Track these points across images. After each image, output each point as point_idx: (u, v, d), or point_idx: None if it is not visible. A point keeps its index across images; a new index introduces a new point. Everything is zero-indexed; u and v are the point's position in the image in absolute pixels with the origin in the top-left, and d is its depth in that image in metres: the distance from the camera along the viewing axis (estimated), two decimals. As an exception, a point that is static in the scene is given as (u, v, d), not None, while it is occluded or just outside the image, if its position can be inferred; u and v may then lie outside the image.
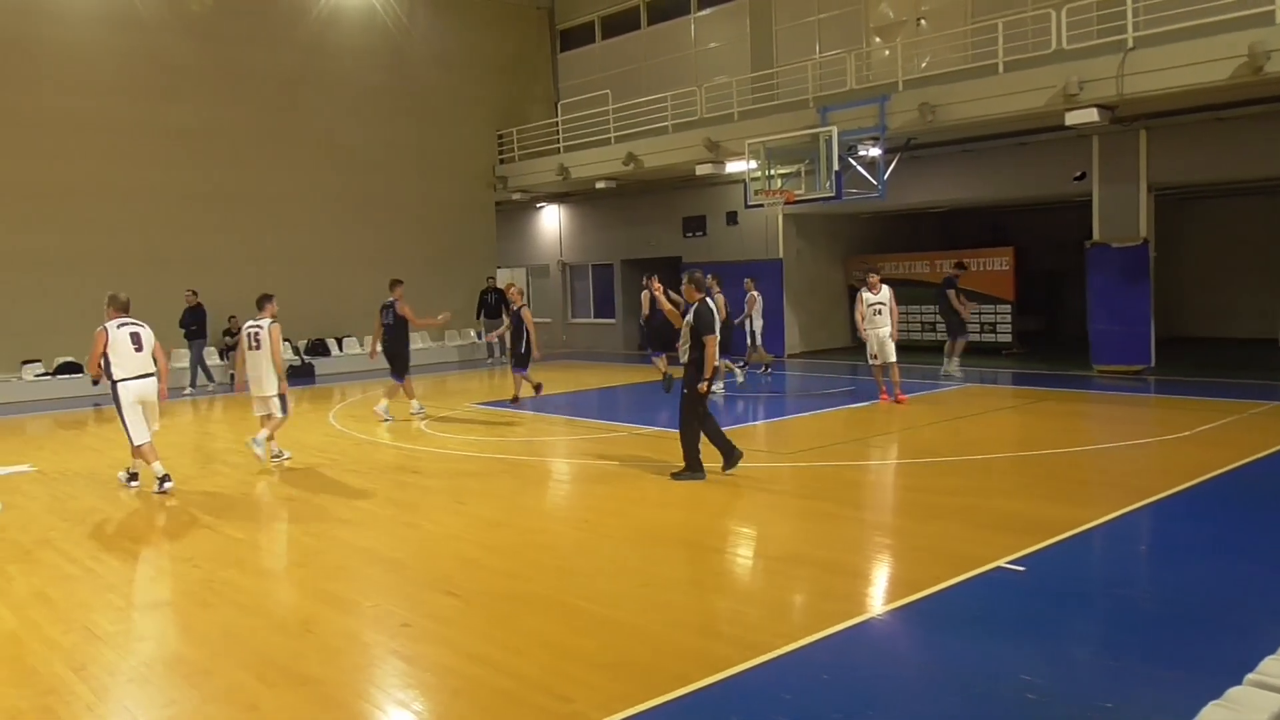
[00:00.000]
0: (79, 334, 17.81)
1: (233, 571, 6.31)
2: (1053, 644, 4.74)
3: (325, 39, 20.98)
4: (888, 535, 6.82)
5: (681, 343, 8.72)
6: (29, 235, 17.24)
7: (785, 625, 5.09)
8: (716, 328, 8.50)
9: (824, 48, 18.80)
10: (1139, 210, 15.48)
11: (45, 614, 5.58)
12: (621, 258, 23.49)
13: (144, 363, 8.84)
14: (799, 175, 16.09)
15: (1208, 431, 10.22)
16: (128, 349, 8.74)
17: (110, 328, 8.74)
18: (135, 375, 8.77)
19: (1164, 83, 12.83)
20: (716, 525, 7.37)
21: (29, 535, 7.47)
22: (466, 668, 4.62)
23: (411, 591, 5.86)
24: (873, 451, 9.82)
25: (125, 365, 8.72)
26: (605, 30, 23.76)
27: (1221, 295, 21.41)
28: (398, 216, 22.09)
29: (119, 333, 8.74)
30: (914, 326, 21.30)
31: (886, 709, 4.09)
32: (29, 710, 4.27)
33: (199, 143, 19.09)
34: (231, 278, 19.28)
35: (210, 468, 10.16)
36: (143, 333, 8.88)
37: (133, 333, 8.81)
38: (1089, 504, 7.38)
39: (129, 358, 8.74)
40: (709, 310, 8.52)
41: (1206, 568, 5.92)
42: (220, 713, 4.22)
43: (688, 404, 8.57)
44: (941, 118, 14.91)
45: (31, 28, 17.34)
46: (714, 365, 8.48)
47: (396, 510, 8.06)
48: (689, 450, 8.64)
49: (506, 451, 10.55)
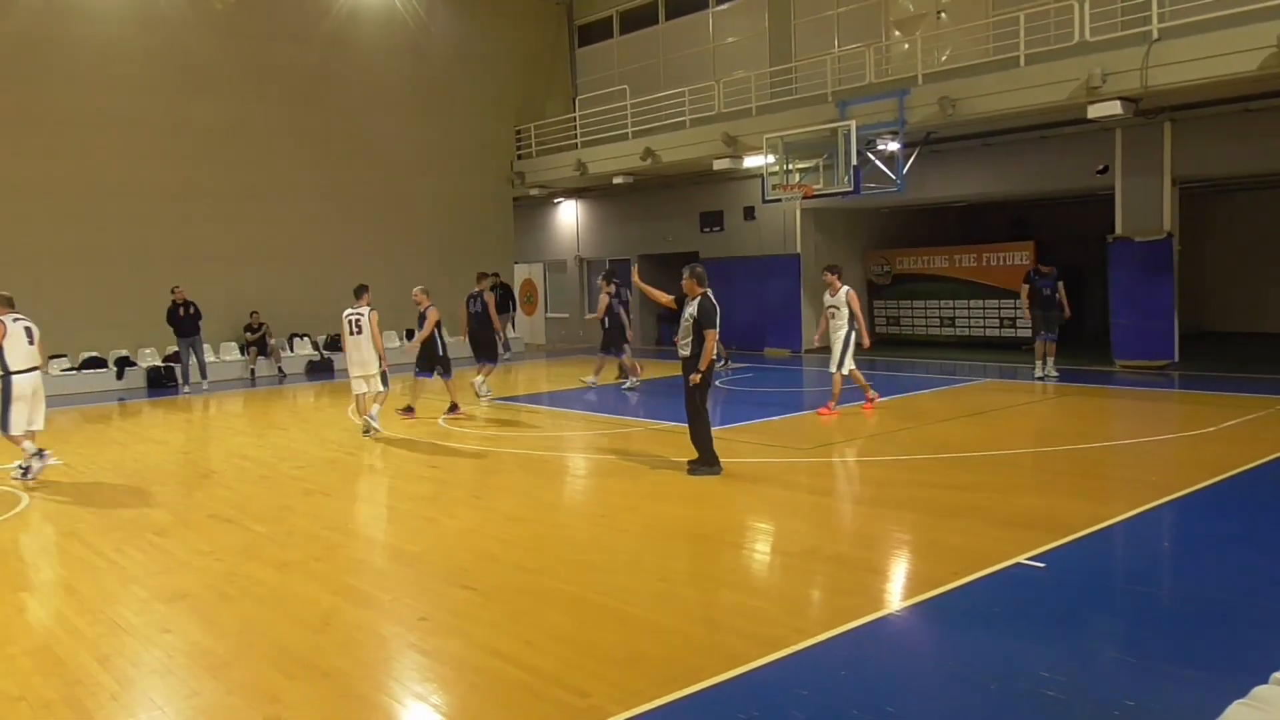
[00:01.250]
0: (104, 329, 18.11)
1: (254, 565, 6.37)
2: (1073, 641, 4.71)
3: (346, 36, 21.07)
4: (906, 531, 6.79)
5: (681, 337, 8.69)
6: (56, 231, 17.44)
7: (802, 621, 5.08)
8: (718, 322, 8.49)
9: (843, 41, 18.69)
10: (1163, 204, 15.31)
11: (71, 605, 5.65)
12: (639, 253, 23.48)
13: (34, 356, 9.26)
14: (817, 170, 16.01)
15: (1232, 427, 10.10)
16: (23, 343, 9.13)
17: (7, 321, 9.07)
18: (27, 368, 9.15)
19: (1189, 74, 12.66)
20: (732, 520, 7.36)
21: (56, 527, 7.58)
22: (484, 661, 4.64)
23: (429, 585, 5.89)
24: (890, 447, 9.78)
25: (19, 358, 9.08)
26: (623, 25, 23.73)
27: (1249, 289, 21.17)
28: (416, 212, 22.18)
29: (15, 326, 9.11)
30: (932, 323, 21.20)
31: (904, 705, 4.07)
32: (56, 700, 4.33)
33: (221, 139, 19.24)
34: (252, 273, 19.45)
35: (230, 462, 10.24)
36: (34, 329, 9.28)
37: (26, 327, 9.20)
38: (1110, 500, 7.32)
39: (23, 351, 9.12)
40: (712, 305, 8.50)
41: (1230, 565, 5.86)
42: (241, 704, 4.26)
43: (693, 398, 8.57)
44: (962, 111, 14.79)
45: (60, 26, 17.50)
46: (710, 359, 8.45)
47: (414, 505, 8.10)
48: (702, 444, 8.63)
49: (523, 446, 10.58)
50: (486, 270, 15.84)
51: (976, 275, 20.27)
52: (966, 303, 20.53)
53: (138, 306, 18.17)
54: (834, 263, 13.18)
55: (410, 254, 21.61)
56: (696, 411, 8.59)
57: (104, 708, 4.26)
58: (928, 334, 21.27)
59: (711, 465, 8.58)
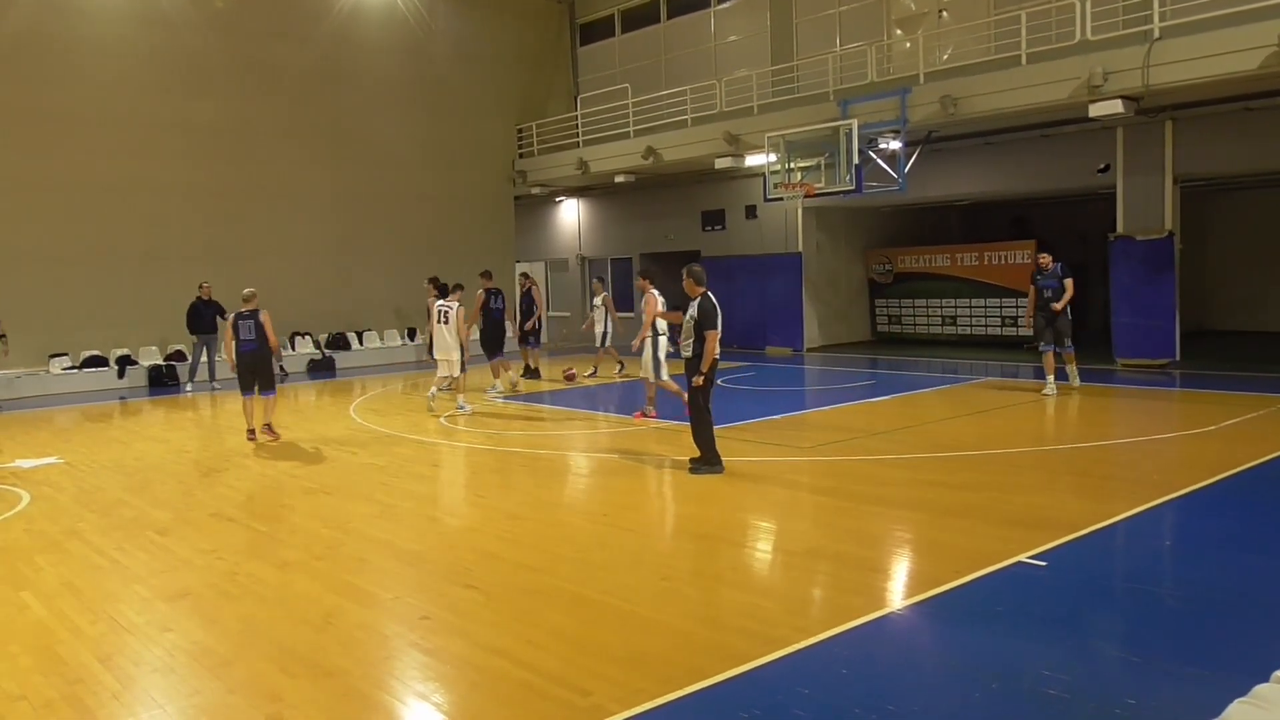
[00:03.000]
0: (105, 328, 18.12)
1: (255, 564, 6.37)
2: (1075, 640, 4.71)
3: (347, 34, 21.07)
4: (908, 529, 6.79)
5: (684, 338, 8.71)
6: (57, 229, 17.44)
7: (804, 620, 5.08)
8: (719, 323, 8.48)
9: (844, 40, 18.68)
10: (1164, 202, 15.30)
11: (73, 604, 5.66)
12: (640, 251, 23.48)
13: None
14: (819, 168, 16.00)
15: (1233, 426, 10.10)
16: None
17: None
18: None
19: (1191, 73, 12.65)
20: (734, 519, 7.36)
21: (57, 526, 7.58)
22: (486, 660, 4.64)
23: (431, 584, 5.89)
24: (892, 446, 9.77)
25: None
26: (625, 24, 23.71)
27: (1250, 288, 21.16)
28: (417, 210, 22.18)
29: None
30: (934, 322, 21.19)
31: (906, 704, 4.07)
32: (57, 699, 4.33)
33: (222, 138, 19.24)
34: (252, 270, 19.38)
35: (233, 461, 10.25)
36: None
37: None
38: (1112, 499, 7.32)
39: None
40: (713, 305, 8.50)
41: (1231, 564, 5.85)
42: (243, 703, 4.26)
43: (696, 398, 8.58)
44: (963, 110, 14.79)
45: (60, 25, 17.50)
46: (714, 359, 8.45)
47: (416, 503, 8.11)
48: (704, 443, 8.65)
49: (525, 445, 10.58)
50: (487, 270, 15.96)
51: (978, 274, 20.26)
52: (968, 301, 20.53)
53: (139, 305, 18.18)
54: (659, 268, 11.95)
55: (411, 252, 21.62)
56: (699, 411, 8.61)
57: (105, 706, 4.27)
58: (929, 333, 21.27)
59: (713, 464, 8.59)
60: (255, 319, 11.26)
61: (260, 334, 11.26)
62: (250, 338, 11.25)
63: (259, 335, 11.25)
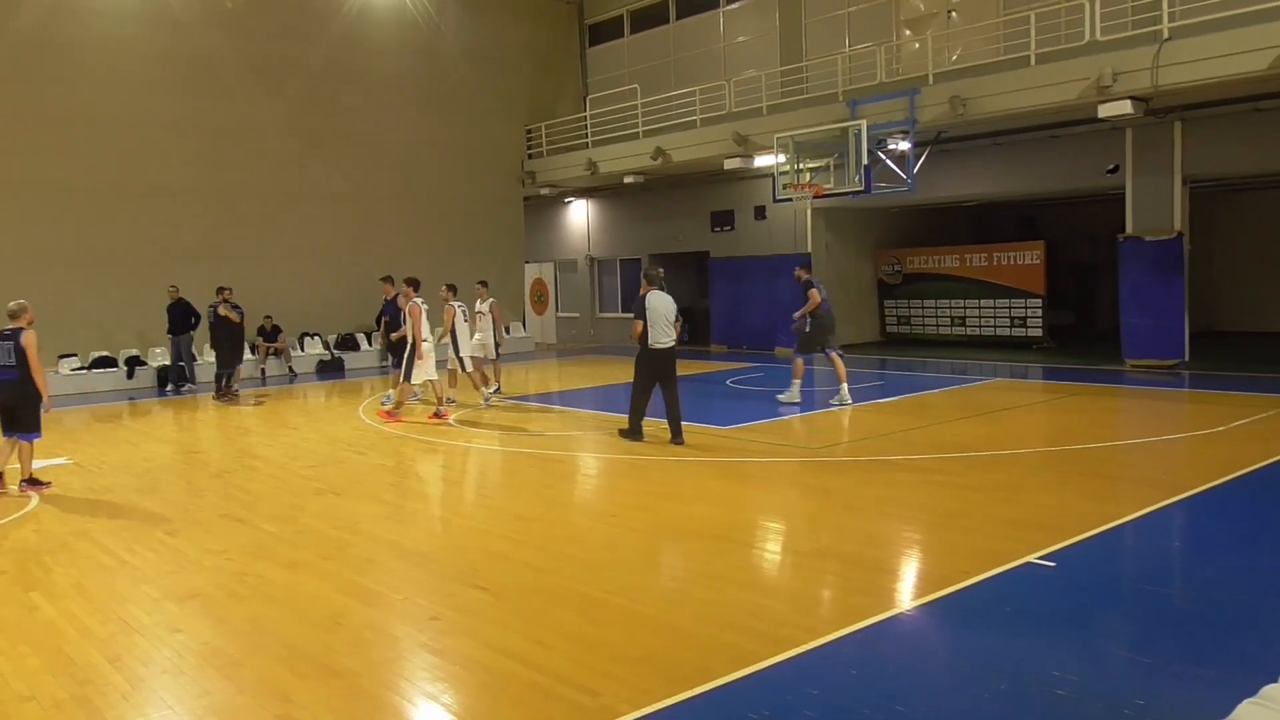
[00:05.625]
0: (114, 328, 18.21)
1: (264, 564, 6.39)
2: (1084, 640, 4.70)
3: (356, 34, 21.13)
4: (916, 530, 6.78)
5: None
6: (65, 230, 17.53)
7: (812, 620, 5.07)
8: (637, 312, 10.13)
9: (853, 41, 18.66)
10: (1173, 203, 15.25)
11: (82, 605, 5.69)
12: (650, 252, 23.49)
13: None
14: (828, 169, 15.98)
15: (1242, 427, 10.06)
16: None
17: None
18: None
19: (1200, 74, 12.61)
20: (742, 519, 7.36)
21: (66, 527, 7.61)
22: (494, 661, 4.65)
23: (440, 585, 5.90)
24: (902, 446, 9.75)
25: None
26: (634, 24, 23.74)
27: (1260, 289, 21.06)
28: (426, 211, 22.23)
29: None
30: (943, 322, 21.15)
31: (914, 705, 4.06)
32: (67, 699, 4.35)
33: (232, 139, 19.31)
34: (261, 271, 19.49)
35: (242, 462, 10.29)
36: None
37: None
38: (1120, 499, 7.30)
39: None
40: (640, 300, 10.12)
41: (1240, 564, 5.83)
42: (252, 703, 4.28)
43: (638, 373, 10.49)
44: (972, 111, 14.76)
45: (68, 25, 17.58)
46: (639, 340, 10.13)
47: (424, 504, 8.12)
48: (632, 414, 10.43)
49: (533, 445, 10.59)
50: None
51: (987, 275, 20.22)
52: (977, 302, 20.49)
53: (148, 306, 18.22)
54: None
55: (419, 254, 21.60)
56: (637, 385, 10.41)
57: (115, 707, 4.29)
58: (938, 333, 21.23)
59: (633, 435, 10.36)
60: (16, 341, 8.65)
61: (21, 359, 8.63)
62: (9, 363, 8.63)
63: (19, 361, 8.63)
